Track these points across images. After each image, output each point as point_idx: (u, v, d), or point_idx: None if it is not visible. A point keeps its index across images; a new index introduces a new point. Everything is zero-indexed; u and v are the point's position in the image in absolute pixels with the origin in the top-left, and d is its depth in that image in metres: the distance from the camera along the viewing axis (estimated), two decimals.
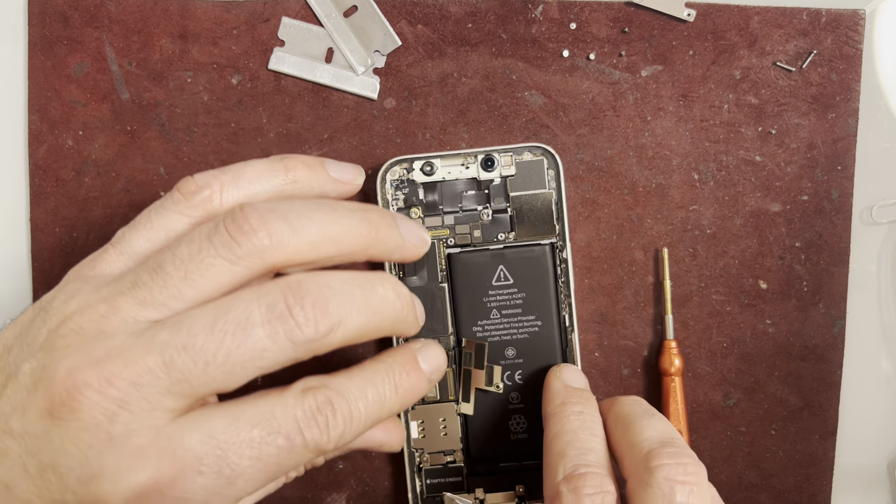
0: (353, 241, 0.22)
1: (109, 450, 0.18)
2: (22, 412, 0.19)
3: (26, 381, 0.19)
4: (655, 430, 0.24)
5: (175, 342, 0.19)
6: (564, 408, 0.26)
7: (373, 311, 0.21)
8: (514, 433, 0.31)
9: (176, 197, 0.23)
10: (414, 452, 0.31)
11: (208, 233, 0.20)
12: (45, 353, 0.20)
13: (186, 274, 0.20)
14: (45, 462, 0.19)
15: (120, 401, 0.19)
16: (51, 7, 0.32)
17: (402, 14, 0.33)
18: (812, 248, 0.33)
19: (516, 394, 0.31)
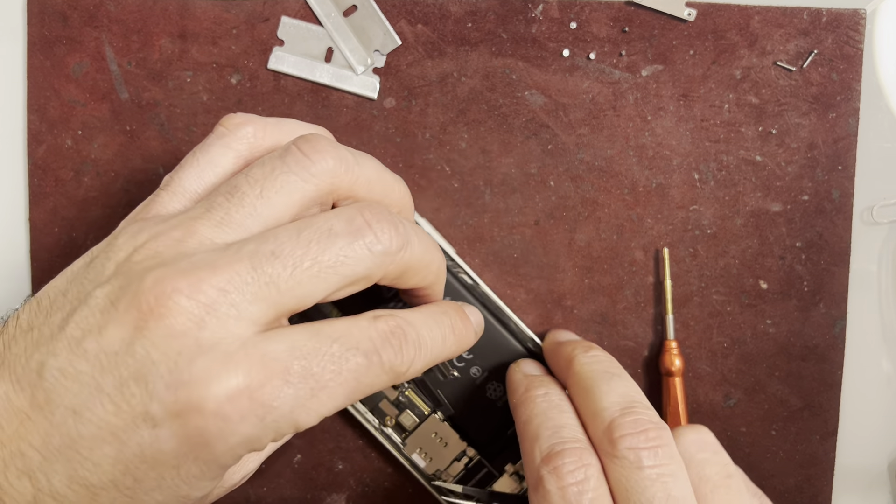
0: (396, 193, 0.24)
1: (199, 356, 0.18)
2: (98, 331, 0.19)
3: (101, 303, 0.19)
4: (616, 395, 0.24)
5: (263, 249, 0.19)
6: (528, 393, 0.26)
7: (427, 244, 0.23)
8: (496, 399, 0.30)
9: (220, 131, 0.23)
10: (433, 478, 0.31)
11: (280, 154, 0.21)
12: (123, 276, 0.19)
13: (262, 191, 0.21)
14: (126, 375, 0.18)
15: (208, 307, 0.19)
16: (50, 7, 0.32)
17: (401, 13, 0.33)
18: (812, 248, 0.33)
19: (476, 368, 0.30)
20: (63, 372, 0.19)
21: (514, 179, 0.33)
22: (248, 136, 0.23)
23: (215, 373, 0.18)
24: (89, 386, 0.18)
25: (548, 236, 0.33)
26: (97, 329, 0.19)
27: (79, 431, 0.18)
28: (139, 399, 0.18)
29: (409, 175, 0.33)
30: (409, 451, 0.31)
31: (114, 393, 0.18)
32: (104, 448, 0.18)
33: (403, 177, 0.33)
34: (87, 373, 0.18)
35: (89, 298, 0.19)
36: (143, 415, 0.18)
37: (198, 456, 0.19)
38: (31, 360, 0.19)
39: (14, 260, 0.33)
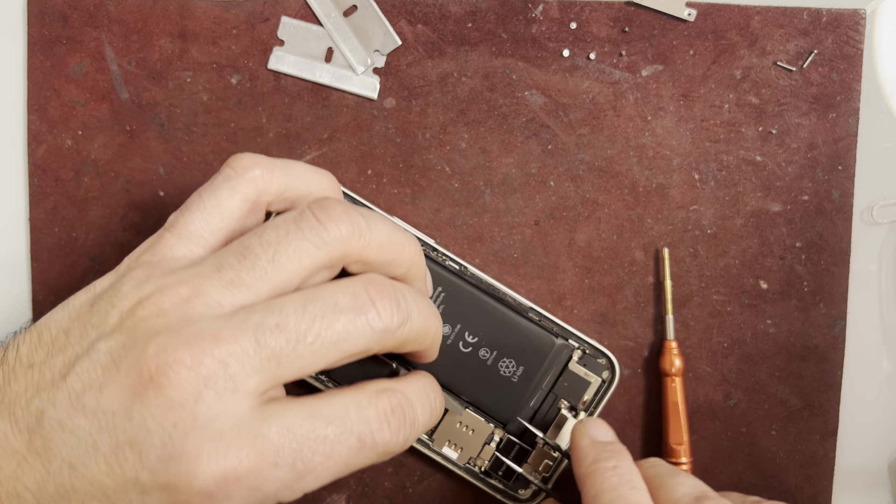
0: (406, 253, 0.23)
1: (193, 431, 0.18)
2: (99, 389, 0.19)
3: (103, 358, 0.19)
4: (687, 487, 0.24)
5: (268, 321, 0.20)
6: (597, 465, 0.25)
7: (426, 314, 0.23)
8: (511, 375, 0.30)
9: (227, 172, 0.23)
10: (469, 467, 0.31)
11: (294, 218, 0.21)
12: (127, 333, 0.19)
13: (275, 255, 0.21)
14: (122, 440, 0.18)
15: (207, 379, 0.19)
16: (50, 7, 0.32)
17: (401, 13, 0.33)
18: (813, 248, 0.33)
19: (484, 350, 0.30)
20: (62, 424, 0.19)
21: (514, 179, 0.33)
22: (256, 180, 0.23)
23: (206, 452, 0.18)
24: (86, 443, 0.19)
25: (548, 236, 0.33)
26: (98, 386, 0.19)
27: (73, 485, 0.19)
28: (132, 465, 0.18)
29: (409, 175, 0.33)
30: (439, 445, 0.31)
31: (109, 454, 0.19)
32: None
33: (403, 177, 0.33)
34: (85, 429, 0.19)
35: (92, 351, 0.19)
36: (134, 481, 0.18)
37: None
38: (30, 404, 0.19)
39: (14, 260, 0.33)
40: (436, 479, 0.33)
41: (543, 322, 0.31)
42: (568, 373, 0.31)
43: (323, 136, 0.33)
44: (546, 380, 0.31)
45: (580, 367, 0.31)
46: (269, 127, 0.33)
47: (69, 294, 0.32)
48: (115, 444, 0.18)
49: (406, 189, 0.33)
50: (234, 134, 0.33)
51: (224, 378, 0.19)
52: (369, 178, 0.33)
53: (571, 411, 0.31)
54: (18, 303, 0.33)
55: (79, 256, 0.33)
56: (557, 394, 0.31)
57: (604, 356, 0.31)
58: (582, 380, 0.31)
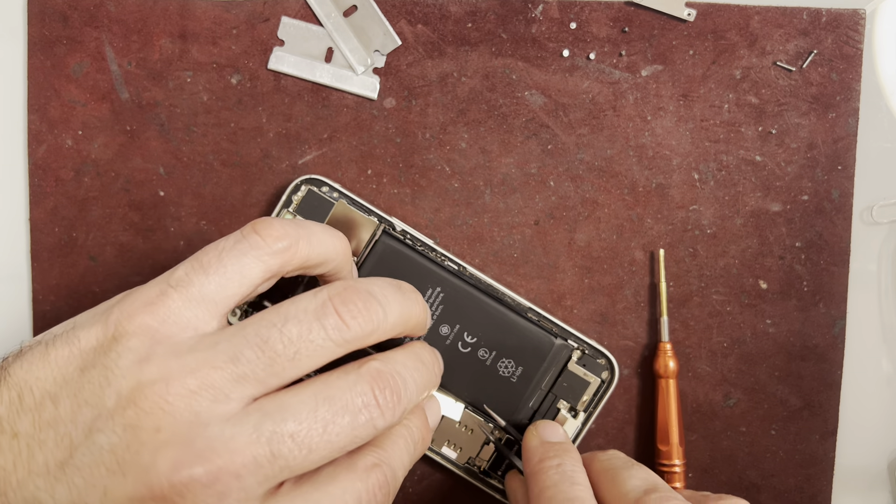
0: (415, 321, 0.24)
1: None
2: (103, 493, 0.18)
3: (106, 458, 0.18)
4: (638, 479, 0.24)
5: (283, 431, 0.19)
6: (542, 464, 0.26)
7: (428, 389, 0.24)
8: (510, 375, 0.31)
9: (255, 240, 0.21)
10: (469, 468, 0.31)
11: (316, 313, 0.20)
12: (130, 429, 0.18)
13: (296, 355, 0.20)
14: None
15: (222, 495, 0.18)
16: (50, 7, 0.32)
17: (401, 14, 0.33)
18: (812, 248, 0.33)
19: (483, 350, 0.30)
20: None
21: (514, 179, 0.33)
22: (283, 252, 0.22)
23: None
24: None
25: (548, 236, 0.33)
26: (102, 489, 0.18)
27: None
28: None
29: (409, 175, 0.33)
30: (438, 445, 0.31)
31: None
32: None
33: (403, 177, 0.33)
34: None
35: (91, 442, 0.18)
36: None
37: None
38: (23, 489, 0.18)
39: (14, 260, 0.33)
40: (436, 479, 0.33)
41: (542, 322, 0.31)
42: (567, 373, 0.31)
43: (323, 136, 0.33)
44: (545, 380, 0.31)
45: (579, 367, 0.31)
46: (269, 127, 0.33)
47: (69, 294, 0.33)
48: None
49: (406, 189, 0.33)
50: (234, 134, 0.33)
51: (237, 490, 0.18)
52: (369, 178, 0.33)
53: (571, 411, 0.31)
54: (18, 303, 0.33)
55: (79, 256, 0.33)
56: (557, 394, 0.31)
57: (603, 356, 0.31)
58: (581, 380, 0.31)
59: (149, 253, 0.33)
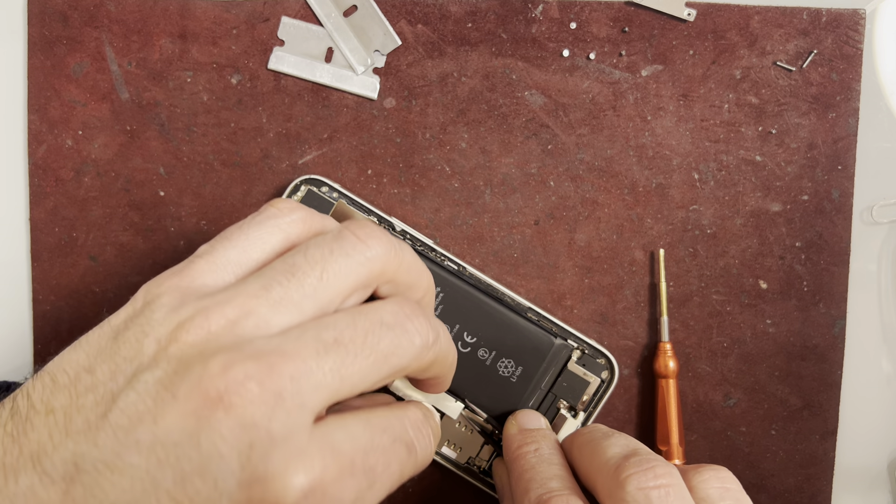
0: (425, 280, 0.24)
1: (273, 449, 0.17)
2: (153, 420, 0.17)
3: (152, 389, 0.17)
4: (617, 447, 0.24)
5: (326, 337, 0.19)
6: (520, 450, 0.27)
7: (448, 335, 0.24)
8: (510, 375, 0.31)
9: (271, 211, 0.22)
10: (469, 468, 0.31)
11: (335, 237, 0.21)
12: (175, 360, 0.18)
13: (322, 273, 0.20)
14: (190, 470, 0.17)
15: (278, 396, 0.18)
16: (50, 7, 0.32)
17: (401, 14, 0.33)
18: (812, 248, 0.33)
19: (483, 350, 0.31)
20: (109, 466, 0.17)
21: (514, 179, 0.33)
22: (299, 222, 0.23)
23: (292, 468, 0.17)
24: (143, 481, 0.17)
25: (548, 236, 0.33)
26: (151, 418, 0.17)
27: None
28: (205, 497, 0.17)
29: (409, 175, 0.33)
30: (438, 445, 0.31)
31: (174, 489, 0.17)
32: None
33: (403, 177, 0.33)
34: (141, 467, 0.17)
35: (136, 383, 0.18)
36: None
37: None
38: (62, 450, 0.17)
39: (14, 260, 0.33)
40: (436, 479, 0.33)
41: (542, 322, 0.31)
42: (567, 373, 0.31)
43: (323, 136, 0.33)
44: (545, 380, 0.31)
45: (579, 367, 0.31)
46: (269, 127, 0.33)
47: (69, 294, 0.33)
48: (180, 477, 0.17)
49: (406, 189, 0.33)
50: (235, 134, 0.33)
51: (293, 394, 0.18)
52: (369, 178, 0.33)
53: (570, 411, 0.31)
54: (18, 303, 0.33)
55: (79, 256, 0.33)
56: (556, 394, 0.31)
57: (603, 356, 0.31)
58: (581, 380, 0.31)
59: (149, 253, 0.33)
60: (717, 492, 0.23)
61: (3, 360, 0.33)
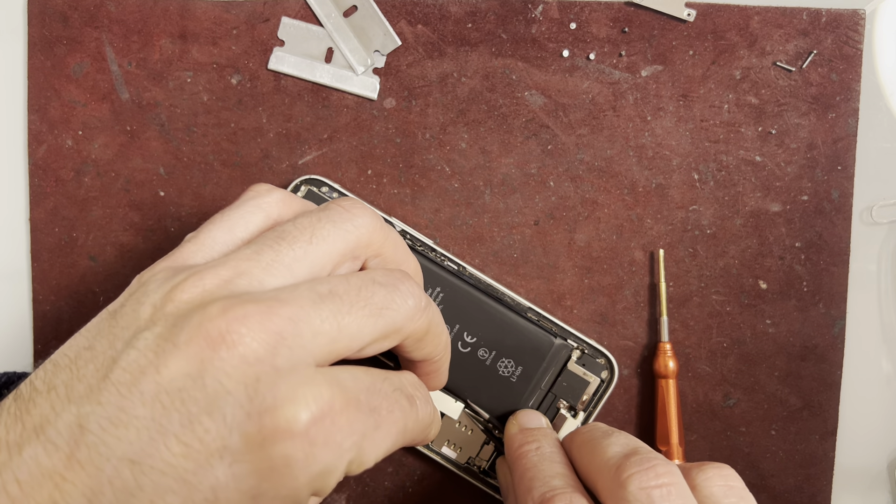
0: (413, 262, 0.25)
1: (280, 380, 0.17)
2: (156, 370, 0.17)
3: (152, 343, 0.18)
4: (618, 446, 0.24)
5: (320, 289, 0.19)
6: (521, 448, 0.27)
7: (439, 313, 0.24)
8: (510, 375, 0.31)
9: (250, 194, 0.23)
10: (469, 468, 0.31)
11: (322, 208, 0.22)
12: (171, 317, 0.18)
13: (312, 237, 0.21)
14: (196, 411, 0.17)
15: (279, 336, 0.18)
16: (51, 7, 0.32)
17: (401, 14, 0.33)
18: (812, 248, 0.33)
19: (483, 350, 0.31)
20: (113, 421, 0.17)
21: (514, 179, 0.33)
22: (279, 202, 0.23)
23: (301, 395, 0.17)
24: (149, 430, 0.17)
25: (548, 236, 0.33)
26: (153, 368, 0.17)
27: (138, 483, 0.16)
28: (215, 434, 0.17)
29: (409, 175, 0.33)
30: (438, 445, 0.31)
31: (182, 432, 0.17)
32: (168, 498, 0.16)
33: (403, 177, 0.33)
34: (146, 417, 0.17)
35: (134, 342, 0.18)
36: (220, 451, 0.17)
37: (277, 493, 0.17)
38: (65, 415, 0.17)
39: (14, 260, 0.33)
40: (436, 479, 0.33)
41: (542, 322, 0.31)
42: (567, 373, 0.31)
43: (323, 137, 0.33)
44: (545, 380, 0.31)
45: (579, 366, 0.31)
46: (269, 127, 0.33)
47: (69, 294, 0.33)
48: (187, 419, 0.17)
49: (406, 189, 0.33)
50: (235, 134, 0.33)
51: (293, 334, 0.18)
52: (369, 178, 0.33)
53: (570, 411, 0.31)
54: (18, 303, 0.33)
55: (79, 256, 0.33)
56: (556, 393, 0.31)
57: (602, 356, 0.31)
58: (581, 379, 0.31)
59: (149, 253, 0.33)
60: (721, 489, 0.23)
61: (4, 359, 0.33)
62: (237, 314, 0.17)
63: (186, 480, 0.16)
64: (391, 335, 0.21)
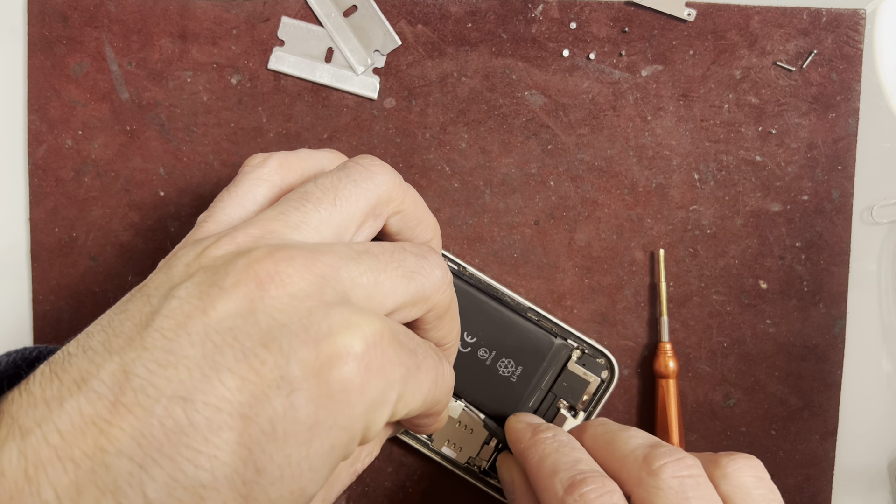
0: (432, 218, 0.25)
1: (332, 311, 0.18)
2: (203, 312, 0.17)
3: (195, 290, 0.17)
4: (640, 438, 0.25)
5: (357, 247, 0.20)
6: (536, 437, 0.26)
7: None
8: (510, 375, 0.31)
9: (246, 169, 0.24)
10: (469, 468, 0.31)
11: (342, 167, 0.23)
12: (210, 267, 0.18)
13: (336, 198, 0.21)
14: (251, 345, 0.17)
15: (323, 278, 0.18)
16: (50, 7, 0.32)
17: (401, 14, 0.33)
18: (812, 248, 0.33)
19: (483, 350, 0.31)
20: (161, 363, 0.16)
21: (514, 179, 0.33)
22: (277, 168, 0.24)
23: (355, 322, 0.18)
24: (201, 368, 0.16)
25: (548, 236, 0.33)
26: (200, 312, 0.17)
27: (190, 421, 0.16)
28: (272, 365, 0.17)
29: (410, 175, 0.33)
30: (438, 445, 0.31)
31: (237, 366, 0.16)
32: (224, 434, 0.16)
33: (404, 176, 0.33)
34: (196, 356, 0.16)
35: (174, 292, 0.18)
36: (277, 381, 0.17)
37: (334, 422, 0.17)
38: (108, 365, 0.16)
39: (14, 260, 0.33)
40: (436, 479, 0.33)
41: (542, 322, 0.31)
42: (567, 372, 0.31)
43: (323, 136, 0.33)
44: (545, 379, 0.31)
45: (579, 366, 0.31)
46: (269, 127, 0.33)
47: (69, 294, 0.33)
48: (241, 353, 0.17)
49: None
50: (235, 134, 0.33)
51: (335, 280, 0.18)
52: None
53: (570, 411, 0.31)
54: (18, 303, 0.33)
55: (79, 256, 0.33)
56: (556, 393, 0.31)
57: (603, 356, 0.31)
58: (581, 379, 0.31)
59: (149, 253, 0.33)
60: (752, 480, 0.23)
61: None
62: (283, 255, 0.18)
63: (243, 414, 0.16)
64: (419, 303, 0.21)
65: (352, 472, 0.25)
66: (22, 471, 0.15)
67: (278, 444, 0.16)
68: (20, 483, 0.15)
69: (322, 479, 0.18)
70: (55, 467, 0.15)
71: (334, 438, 0.17)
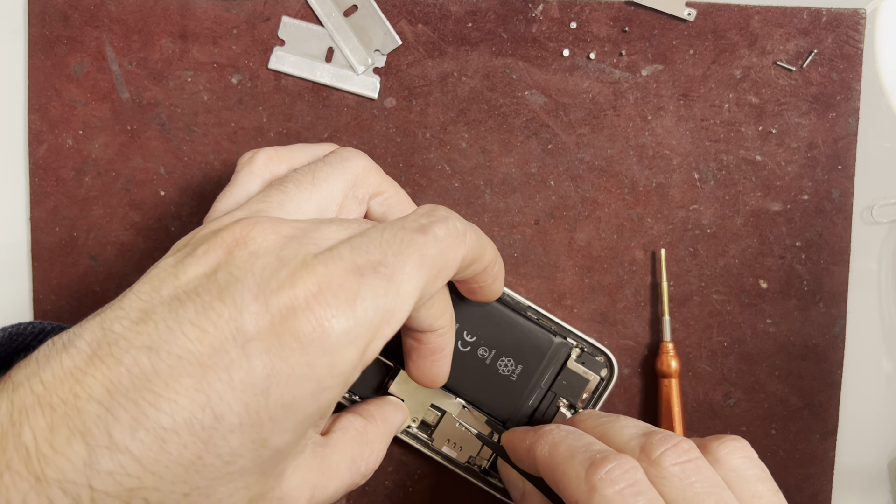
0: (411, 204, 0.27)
1: (282, 267, 0.19)
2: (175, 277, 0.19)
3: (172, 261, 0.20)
4: (633, 427, 0.25)
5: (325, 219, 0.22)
6: (541, 431, 0.26)
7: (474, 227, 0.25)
8: (510, 374, 0.31)
9: (239, 166, 0.26)
10: (469, 467, 0.31)
11: (320, 157, 0.25)
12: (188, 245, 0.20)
13: (314, 178, 0.24)
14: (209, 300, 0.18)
15: (287, 237, 0.20)
16: (51, 7, 0.32)
17: (402, 13, 0.33)
18: (812, 248, 0.33)
19: (483, 349, 0.30)
20: (134, 320, 0.18)
21: (514, 179, 0.33)
22: (268, 162, 0.25)
23: (300, 276, 0.19)
24: (166, 321, 0.18)
25: (548, 236, 0.33)
26: (173, 276, 0.19)
27: (154, 368, 0.17)
28: (227, 318, 0.18)
29: (410, 175, 0.33)
30: (438, 445, 0.31)
31: (196, 318, 0.18)
32: (183, 380, 0.17)
33: (403, 176, 0.33)
34: (164, 312, 0.18)
35: (155, 265, 0.20)
36: (233, 333, 0.18)
37: (291, 370, 0.18)
38: (88, 325, 0.18)
39: (14, 259, 0.33)
40: (436, 478, 0.33)
41: (542, 321, 0.31)
42: (567, 371, 0.31)
43: (323, 136, 0.33)
44: (545, 378, 0.31)
45: (579, 365, 0.31)
46: (269, 127, 0.33)
47: (69, 293, 0.33)
48: (201, 306, 0.18)
49: (406, 189, 0.33)
50: (235, 134, 0.33)
51: (302, 237, 0.20)
52: None
53: (570, 409, 0.31)
54: (19, 302, 0.33)
55: (79, 256, 0.33)
56: (556, 392, 0.31)
57: (602, 354, 0.31)
58: (580, 378, 0.31)
59: (149, 253, 0.33)
60: (743, 462, 0.24)
61: None
62: (250, 221, 0.20)
63: (202, 363, 0.17)
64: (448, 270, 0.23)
65: (354, 471, 0.25)
66: (8, 416, 0.17)
67: (235, 393, 0.18)
68: (5, 426, 0.17)
69: (287, 432, 0.19)
70: (35, 412, 0.17)
71: (294, 388, 0.18)
